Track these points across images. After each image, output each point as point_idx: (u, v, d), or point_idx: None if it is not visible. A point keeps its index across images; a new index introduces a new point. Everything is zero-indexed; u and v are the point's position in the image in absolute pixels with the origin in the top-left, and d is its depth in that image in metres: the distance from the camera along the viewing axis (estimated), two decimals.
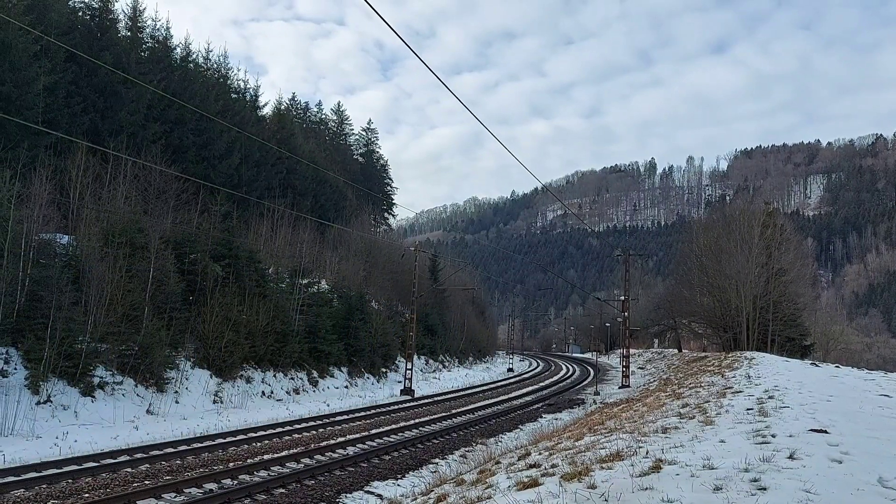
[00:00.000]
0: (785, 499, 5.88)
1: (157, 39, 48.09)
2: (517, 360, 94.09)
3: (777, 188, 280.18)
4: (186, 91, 45.81)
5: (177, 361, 27.97)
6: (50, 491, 13.45)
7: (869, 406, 14.11)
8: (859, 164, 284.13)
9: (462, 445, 21.14)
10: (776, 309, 48.14)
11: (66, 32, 36.95)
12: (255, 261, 36.83)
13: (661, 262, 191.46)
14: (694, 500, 6.04)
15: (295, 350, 35.43)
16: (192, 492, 13.79)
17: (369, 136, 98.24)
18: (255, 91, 63.28)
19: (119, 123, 38.82)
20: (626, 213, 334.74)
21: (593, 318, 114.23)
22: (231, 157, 49.25)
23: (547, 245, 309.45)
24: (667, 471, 7.44)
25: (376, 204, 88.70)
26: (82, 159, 30.30)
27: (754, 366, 28.04)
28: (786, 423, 10.58)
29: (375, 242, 65.69)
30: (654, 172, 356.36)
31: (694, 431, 10.72)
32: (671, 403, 18.06)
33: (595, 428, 15.18)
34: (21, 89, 32.16)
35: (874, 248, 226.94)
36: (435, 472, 16.76)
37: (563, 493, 7.02)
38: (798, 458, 7.57)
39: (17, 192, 23.84)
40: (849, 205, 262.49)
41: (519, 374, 65.95)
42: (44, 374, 21.45)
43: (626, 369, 47.41)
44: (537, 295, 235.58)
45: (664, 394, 23.72)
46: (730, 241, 48.69)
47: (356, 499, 14.27)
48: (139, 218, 30.43)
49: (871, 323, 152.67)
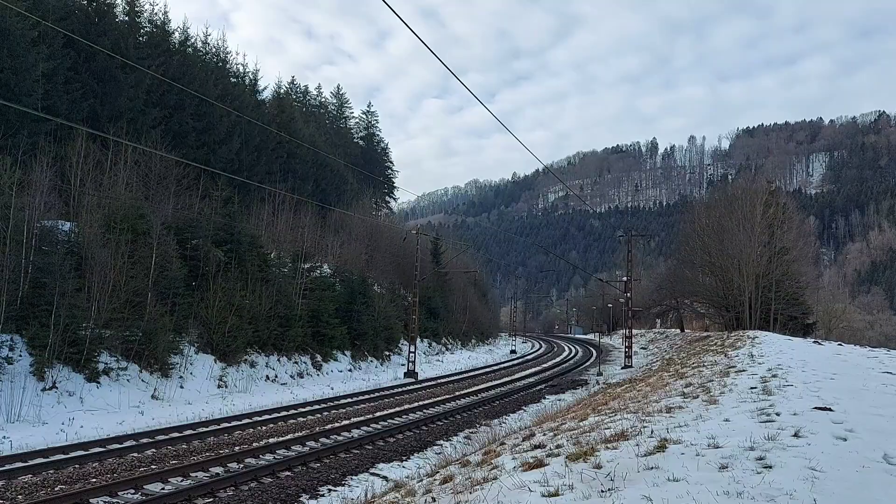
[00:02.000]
0: (791, 477, 5.88)
1: (154, 24, 47.73)
2: (520, 341, 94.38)
3: (779, 166, 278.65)
4: (185, 76, 45.57)
5: (181, 347, 28.05)
6: (57, 476, 13.53)
7: (873, 383, 14.12)
8: (862, 142, 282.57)
9: (466, 427, 21.24)
10: (778, 288, 48.13)
11: (63, 18, 36.70)
12: (257, 246, 36.82)
13: (664, 242, 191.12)
14: (700, 479, 6.05)
15: (298, 334, 35.50)
16: (198, 475, 13.88)
17: (369, 120, 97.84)
18: (255, 75, 63.03)
19: (118, 109, 38.67)
20: (628, 194, 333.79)
21: (595, 299, 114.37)
22: (231, 141, 49.10)
23: (549, 227, 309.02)
24: (672, 450, 7.45)
25: (377, 187, 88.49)
26: (82, 146, 30.18)
27: (757, 345, 28.05)
28: (790, 401, 10.60)
29: (377, 226, 65.60)
30: (656, 152, 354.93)
31: (698, 411, 10.74)
32: (675, 383, 18.09)
33: (599, 408, 15.22)
34: (20, 76, 32.00)
35: (877, 225, 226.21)
36: (440, 453, 16.85)
37: (568, 473, 7.04)
38: (803, 437, 7.59)
39: (18, 180, 23.79)
40: (851, 182, 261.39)
41: (522, 356, 66.14)
42: (49, 360, 21.52)
43: (628, 350, 47.51)
44: (539, 277, 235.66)
45: (667, 374, 23.76)
46: (732, 220, 48.56)
47: (362, 480, 14.35)
48: (141, 204, 30.37)
49: (874, 301, 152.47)
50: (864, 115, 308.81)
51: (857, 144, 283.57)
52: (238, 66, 61.14)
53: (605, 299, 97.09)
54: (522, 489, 6.79)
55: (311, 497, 13.07)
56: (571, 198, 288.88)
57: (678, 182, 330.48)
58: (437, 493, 8.13)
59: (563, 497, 6.25)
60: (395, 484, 12.17)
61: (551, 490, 6.48)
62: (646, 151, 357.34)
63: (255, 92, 62.18)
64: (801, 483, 5.67)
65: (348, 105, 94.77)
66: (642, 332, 76.63)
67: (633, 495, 5.84)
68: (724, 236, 49.17)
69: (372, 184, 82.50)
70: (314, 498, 13.06)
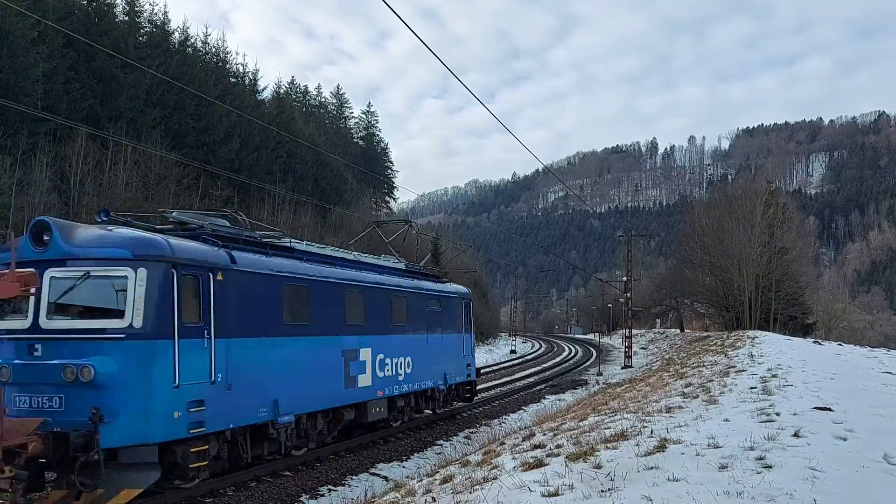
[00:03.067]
0: (791, 476, 5.89)
1: (154, 24, 47.78)
2: (519, 341, 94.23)
3: (779, 167, 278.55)
4: (185, 75, 45.56)
5: None
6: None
7: (873, 383, 14.14)
8: (862, 142, 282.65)
9: (466, 427, 21.22)
10: (778, 288, 48.18)
11: (63, 18, 36.70)
12: None
13: (664, 242, 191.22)
14: (700, 479, 6.05)
15: None
16: None
17: (369, 120, 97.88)
18: (255, 75, 63.00)
19: (118, 109, 38.67)
20: (628, 194, 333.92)
21: (595, 299, 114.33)
22: (231, 141, 49.08)
23: (548, 227, 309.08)
24: (672, 450, 7.45)
25: (377, 187, 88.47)
26: (82, 145, 30.23)
27: (757, 345, 28.07)
28: (790, 401, 10.60)
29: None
30: (656, 152, 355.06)
31: (698, 411, 10.74)
32: (674, 383, 18.11)
33: (599, 408, 15.23)
34: (20, 75, 32.01)
35: (876, 225, 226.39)
36: (440, 453, 16.85)
37: (568, 473, 7.04)
38: (803, 436, 7.59)
39: (18, 180, 23.82)
40: (851, 182, 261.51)
41: (521, 356, 66.06)
42: None
43: (628, 350, 47.49)
44: (539, 277, 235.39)
45: (667, 374, 23.77)
46: (732, 220, 48.61)
47: (362, 480, 14.34)
48: (140, 204, 30.38)
49: (874, 301, 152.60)
50: (864, 115, 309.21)
51: (857, 144, 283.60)
52: (238, 66, 61.16)
53: (605, 299, 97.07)
54: (522, 489, 6.79)
55: (311, 497, 13.07)
56: (571, 198, 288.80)
57: (678, 182, 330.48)
58: (437, 493, 8.14)
59: (563, 497, 6.26)
60: (396, 483, 12.16)
61: (551, 490, 6.48)
62: (646, 151, 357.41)
63: (254, 92, 62.18)
64: (801, 483, 5.68)
65: (348, 105, 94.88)
66: (642, 332, 76.61)
67: (633, 495, 5.84)
68: (724, 236, 49.22)
69: (372, 184, 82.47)
70: (314, 498, 13.05)
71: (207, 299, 11.14)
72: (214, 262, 11.47)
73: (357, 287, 16.14)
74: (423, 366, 19.25)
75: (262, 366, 12.55)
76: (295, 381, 13.49)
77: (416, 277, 20.28)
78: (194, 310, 10.94)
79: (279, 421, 12.91)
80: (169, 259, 10.52)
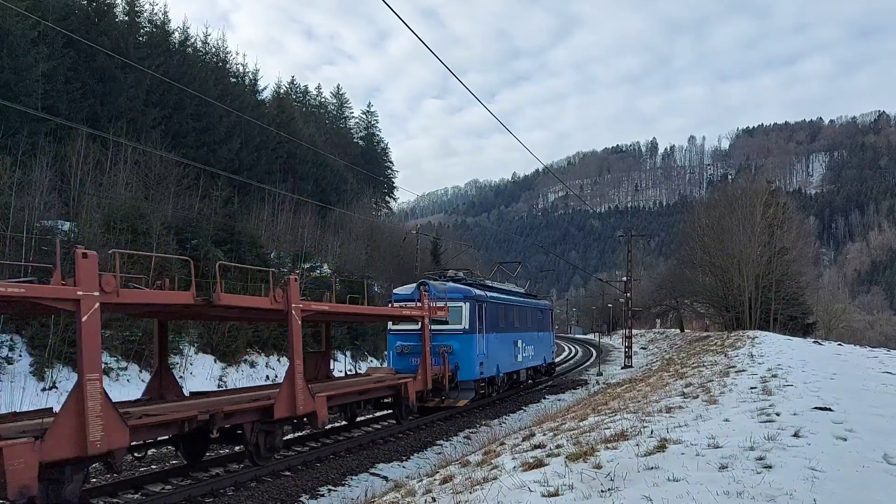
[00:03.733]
0: (791, 476, 5.88)
1: (154, 24, 47.81)
2: None
3: (779, 167, 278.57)
4: (185, 76, 45.60)
5: (181, 346, 28.04)
6: None
7: (872, 383, 14.12)
8: (862, 142, 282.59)
9: (466, 427, 21.21)
10: (778, 288, 48.16)
11: (63, 18, 36.72)
12: (257, 245, 36.83)
13: (664, 242, 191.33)
14: (700, 479, 6.05)
15: None
16: (199, 475, 13.87)
17: (369, 120, 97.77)
18: (255, 75, 63.10)
19: (118, 109, 38.68)
20: (628, 194, 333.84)
21: (595, 299, 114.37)
22: (231, 141, 49.11)
23: (548, 227, 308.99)
24: (672, 450, 7.45)
25: (377, 187, 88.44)
26: (82, 145, 30.19)
27: (757, 345, 28.06)
28: (790, 401, 10.59)
29: (377, 226, 65.57)
30: (656, 152, 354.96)
31: (698, 411, 10.73)
32: (674, 383, 18.09)
33: (599, 408, 15.22)
34: (20, 75, 32.02)
35: (876, 225, 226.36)
36: (440, 453, 16.84)
37: (568, 473, 7.04)
38: (803, 437, 7.58)
39: (18, 180, 23.81)
40: (851, 182, 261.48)
41: None
42: (48, 360, 21.52)
43: (628, 350, 47.49)
44: (539, 277, 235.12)
45: (667, 374, 23.75)
46: (732, 220, 48.60)
47: (362, 480, 14.34)
48: (140, 204, 30.39)
49: (874, 301, 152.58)
50: (864, 115, 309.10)
51: (857, 144, 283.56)
52: (238, 66, 61.27)
53: (605, 299, 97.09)
54: (522, 489, 6.78)
55: (311, 497, 13.06)
56: (571, 198, 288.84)
57: (678, 182, 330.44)
58: (437, 493, 8.13)
59: (563, 497, 6.25)
60: (396, 483, 12.16)
61: (551, 490, 6.47)
62: (646, 151, 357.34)
63: (254, 92, 62.22)
64: (801, 483, 5.67)
65: (348, 105, 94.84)
66: (642, 332, 76.60)
67: (633, 495, 5.84)
68: (724, 236, 49.20)
69: (372, 184, 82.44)
70: (314, 498, 13.05)
71: (482, 315, 23.52)
72: (484, 297, 24.03)
73: (516, 305, 28.62)
74: (536, 352, 31.44)
75: (495, 348, 24.81)
76: (503, 356, 25.94)
77: (528, 297, 33.32)
78: (479, 321, 23.22)
79: (499, 375, 25.72)
80: (473, 298, 23.00)
